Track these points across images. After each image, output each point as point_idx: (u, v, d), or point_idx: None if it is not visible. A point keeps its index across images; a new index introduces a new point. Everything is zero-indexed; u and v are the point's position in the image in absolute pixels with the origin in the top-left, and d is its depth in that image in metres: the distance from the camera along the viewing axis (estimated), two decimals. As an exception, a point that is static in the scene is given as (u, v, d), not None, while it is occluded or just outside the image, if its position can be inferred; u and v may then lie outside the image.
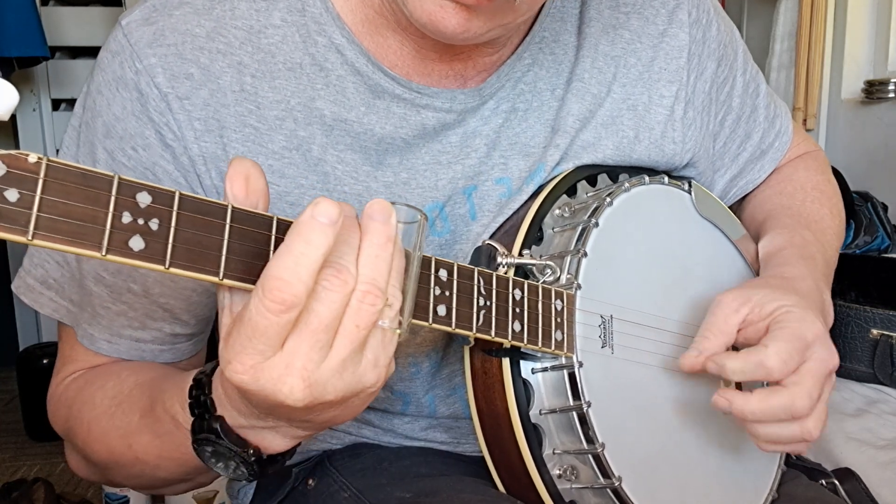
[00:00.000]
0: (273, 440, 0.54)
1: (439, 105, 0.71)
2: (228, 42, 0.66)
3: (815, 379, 0.65)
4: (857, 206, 1.91)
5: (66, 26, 2.88)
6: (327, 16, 0.68)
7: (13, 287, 0.72)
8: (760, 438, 0.67)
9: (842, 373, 1.40)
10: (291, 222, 0.47)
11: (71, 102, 2.98)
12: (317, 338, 0.45)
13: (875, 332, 1.35)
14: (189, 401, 0.55)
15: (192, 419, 0.55)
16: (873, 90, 2.16)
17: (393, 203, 0.49)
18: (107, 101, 0.66)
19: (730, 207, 0.91)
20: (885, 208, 1.93)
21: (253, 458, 0.54)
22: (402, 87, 0.69)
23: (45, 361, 2.53)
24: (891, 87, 2.12)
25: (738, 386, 0.76)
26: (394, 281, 0.49)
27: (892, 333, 1.34)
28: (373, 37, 0.69)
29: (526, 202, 0.73)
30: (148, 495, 2.04)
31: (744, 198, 0.96)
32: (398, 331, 0.50)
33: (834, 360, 0.67)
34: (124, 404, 0.66)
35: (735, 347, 0.71)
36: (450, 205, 0.72)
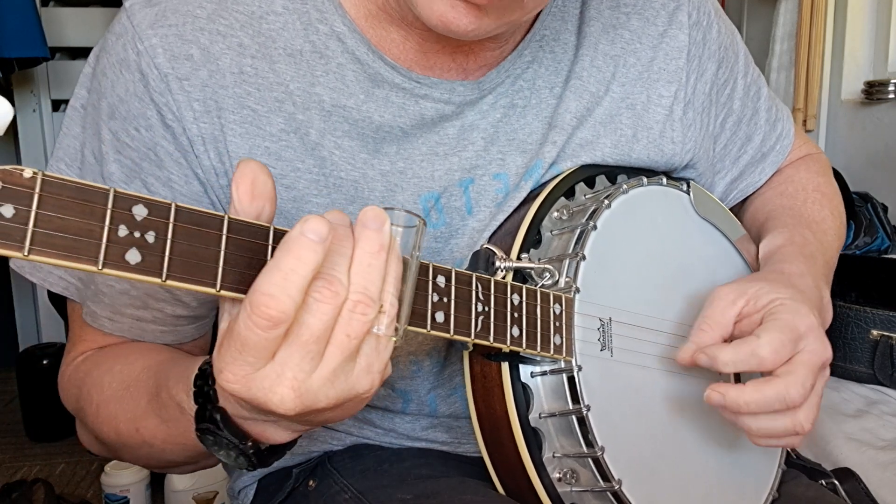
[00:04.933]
0: (274, 432, 0.54)
1: (438, 96, 0.71)
2: (229, 24, 0.67)
3: (808, 369, 0.65)
4: (858, 206, 1.91)
5: (66, 27, 2.88)
6: (329, 4, 0.69)
7: (15, 267, 0.71)
8: (753, 432, 0.67)
9: (842, 373, 1.40)
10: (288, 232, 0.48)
11: (71, 103, 2.98)
12: (307, 349, 0.46)
13: (875, 332, 1.35)
14: (193, 389, 0.55)
15: (196, 408, 0.55)
16: (873, 91, 2.16)
17: (390, 208, 0.49)
18: (111, 82, 0.67)
19: (731, 208, 0.91)
20: (885, 209, 1.93)
21: (251, 451, 0.54)
22: (402, 76, 0.70)
23: (45, 362, 2.53)
24: (891, 87, 2.11)
25: (737, 378, 0.76)
26: (390, 287, 0.48)
27: (892, 334, 1.34)
28: (375, 30, 0.70)
29: (524, 203, 0.73)
30: (147, 494, 2.05)
31: (745, 199, 0.96)
32: (394, 338, 0.49)
33: (826, 353, 0.67)
34: (132, 388, 0.66)
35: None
36: (445, 196, 0.72)
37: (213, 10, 0.67)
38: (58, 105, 2.98)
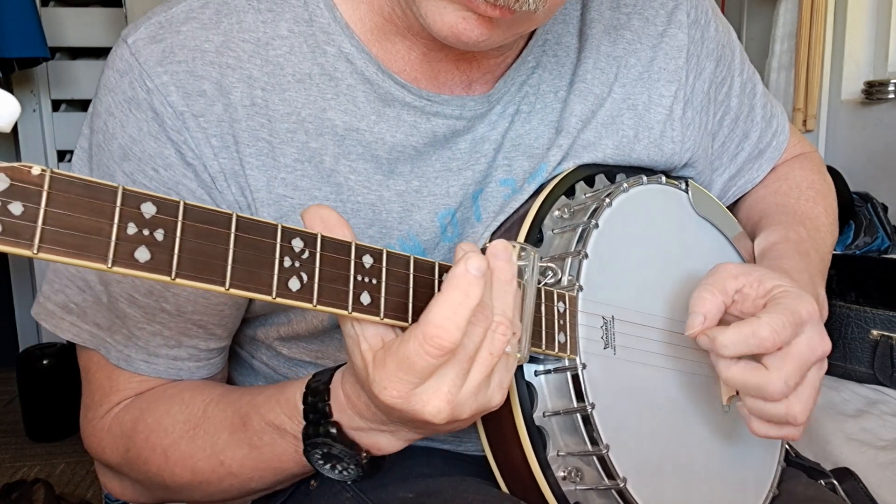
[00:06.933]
0: (388, 442, 0.59)
1: (449, 112, 0.71)
2: (237, 56, 0.66)
3: (797, 364, 0.64)
4: (857, 206, 1.91)
5: (66, 27, 2.87)
6: (336, 25, 0.68)
7: (32, 313, 0.72)
8: (749, 410, 0.66)
9: (842, 373, 1.40)
10: (296, 230, 0.48)
11: (71, 103, 2.97)
12: (462, 367, 0.52)
13: (875, 332, 1.35)
14: (303, 407, 0.60)
15: (304, 425, 0.59)
16: (873, 91, 2.16)
17: (508, 241, 0.56)
18: (120, 123, 0.65)
19: (726, 206, 0.91)
20: (885, 209, 1.94)
21: (365, 460, 0.59)
22: (413, 94, 0.69)
23: (45, 362, 2.53)
24: (891, 87, 2.12)
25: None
26: (517, 310, 0.56)
27: (892, 334, 1.34)
28: (382, 44, 0.69)
29: (525, 202, 0.73)
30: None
31: (740, 197, 0.96)
32: (519, 355, 0.57)
33: (824, 345, 0.66)
34: (202, 425, 0.67)
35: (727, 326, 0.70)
36: (461, 210, 0.73)
37: (221, 43, 0.66)
38: (58, 105, 2.97)
